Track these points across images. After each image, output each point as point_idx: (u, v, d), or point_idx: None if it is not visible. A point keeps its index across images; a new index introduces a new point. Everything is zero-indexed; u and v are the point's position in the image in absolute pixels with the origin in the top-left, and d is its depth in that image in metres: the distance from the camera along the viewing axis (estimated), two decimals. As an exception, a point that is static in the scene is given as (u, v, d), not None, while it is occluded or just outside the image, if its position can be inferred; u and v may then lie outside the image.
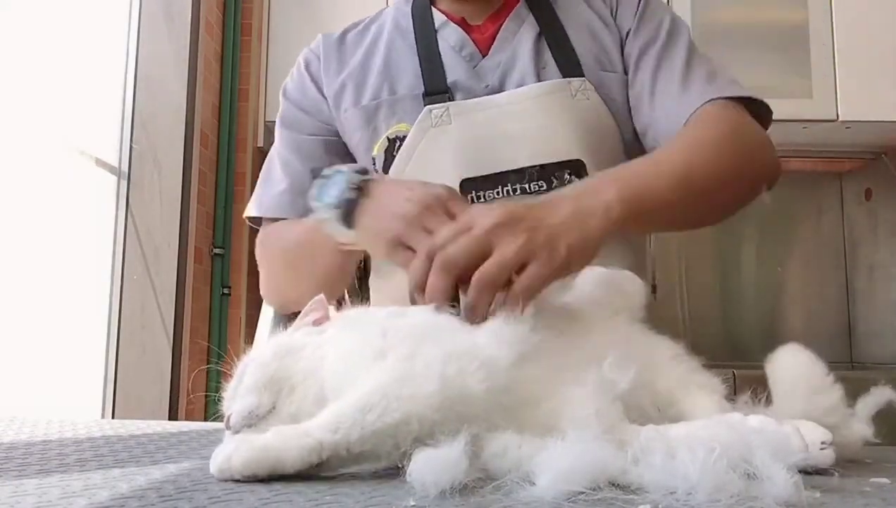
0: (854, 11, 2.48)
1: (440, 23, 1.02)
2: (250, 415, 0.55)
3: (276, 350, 0.59)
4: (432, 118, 0.96)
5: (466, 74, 0.98)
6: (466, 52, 1.00)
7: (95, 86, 1.95)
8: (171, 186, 2.22)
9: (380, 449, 0.47)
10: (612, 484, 0.44)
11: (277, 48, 2.60)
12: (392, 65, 1.02)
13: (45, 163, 1.69)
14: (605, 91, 0.97)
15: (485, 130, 0.95)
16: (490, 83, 0.98)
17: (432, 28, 1.02)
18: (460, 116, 0.95)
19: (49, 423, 0.83)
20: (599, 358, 0.53)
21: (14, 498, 0.42)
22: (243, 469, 0.46)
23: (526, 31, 0.99)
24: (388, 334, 0.55)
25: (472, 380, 0.49)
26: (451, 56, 1.00)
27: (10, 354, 1.54)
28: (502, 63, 0.98)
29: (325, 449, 0.47)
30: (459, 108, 0.96)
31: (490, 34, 1.01)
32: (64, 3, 1.80)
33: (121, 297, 1.95)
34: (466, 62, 0.99)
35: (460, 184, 0.93)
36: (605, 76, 0.97)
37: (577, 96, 0.95)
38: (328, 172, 0.77)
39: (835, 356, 2.76)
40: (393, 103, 0.99)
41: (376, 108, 1.00)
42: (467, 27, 1.02)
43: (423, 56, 1.00)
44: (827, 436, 0.51)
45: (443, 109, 0.96)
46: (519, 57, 0.98)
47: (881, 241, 2.76)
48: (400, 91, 0.99)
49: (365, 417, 0.47)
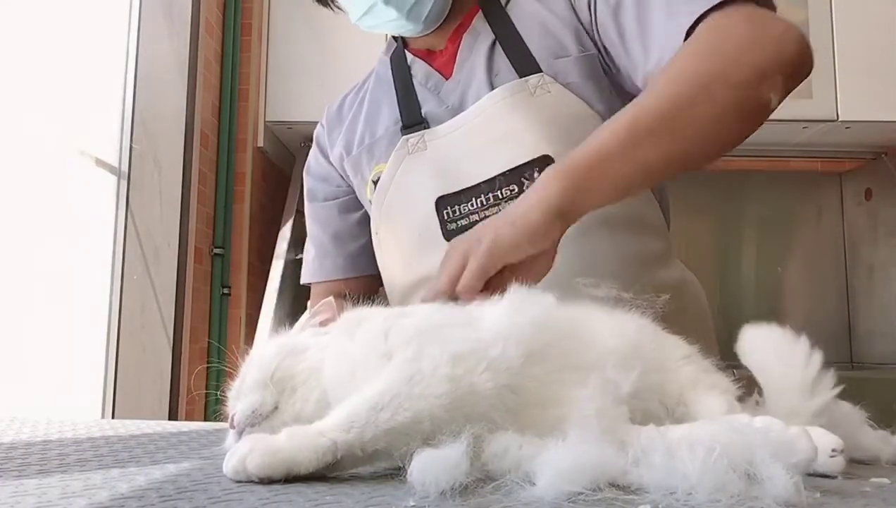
0: (854, 11, 2.48)
1: (410, 61, 1.06)
2: (254, 414, 0.55)
3: (279, 350, 0.59)
4: (409, 147, 1.00)
5: (434, 102, 1.01)
6: (432, 82, 1.03)
7: (95, 86, 1.95)
8: (171, 186, 2.22)
9: (392, 448, 0.47)
10: (613, 485, 0.44)
11: (277, 48, 2.60)
12: (373, 113, 1.07)
13: (45, 163, 1.69)
14: (564, 78, 0.94)
15: (457, 149, 0.97)
16: (451, 103, 0.99)
17: (406, 68, 1.05)
18: (434, 142, 0.99)
19: (49, 423, 0.83)
20: (606, 359, 0.53)
21: (14, 498, 0.42)
22: (258, 471, 0.46)
23: (481, 43, 1.00)
24: (390, 335, 0.55)
25: (480, 380, 0.49)
26: (421, 91, 1.03)
27: (10, 354, 1.54)
28: (461, 81, 1.00)
29: (339, 449, 0.47)
30: (433, 134, 0.99)
31: (450, 56, 1.02)
32: (64, 3, 1.80)
33: (121, 297, 1.95)
34: (432, 92, 1.02)
35: (436, 202, 0.96)
36: (558, 63, 0.95)
37: (537, 92, 0.94)
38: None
39: (835, 356, 2.76)
40: (372, 147, 1.05)
41: (359, 155, 1.07)
42: (431, 56, 1.05)
43: (400, 94, 1.04)
44: (838, 443, 0.50)
45: (418, 137, 1.00)
46: (475, 71, 0.99)
47: (881, 241, 2.76)
48: (378, 133, 1.05)
49: (378, 416, 0.47)
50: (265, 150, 2.64)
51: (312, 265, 1.14)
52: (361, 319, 0.60)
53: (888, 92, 2.41)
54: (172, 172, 2.23)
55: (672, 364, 0.60)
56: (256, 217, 2.66)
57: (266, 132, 2.60)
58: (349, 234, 1.13)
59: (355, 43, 2.58)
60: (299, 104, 2.57)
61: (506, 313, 0.56)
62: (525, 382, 0.51)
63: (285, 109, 2.58)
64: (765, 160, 2.89)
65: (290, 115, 2.58)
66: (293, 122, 2.59)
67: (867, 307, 2.79)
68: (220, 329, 2.44)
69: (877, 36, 2.47)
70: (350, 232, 1.13)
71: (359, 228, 1.12)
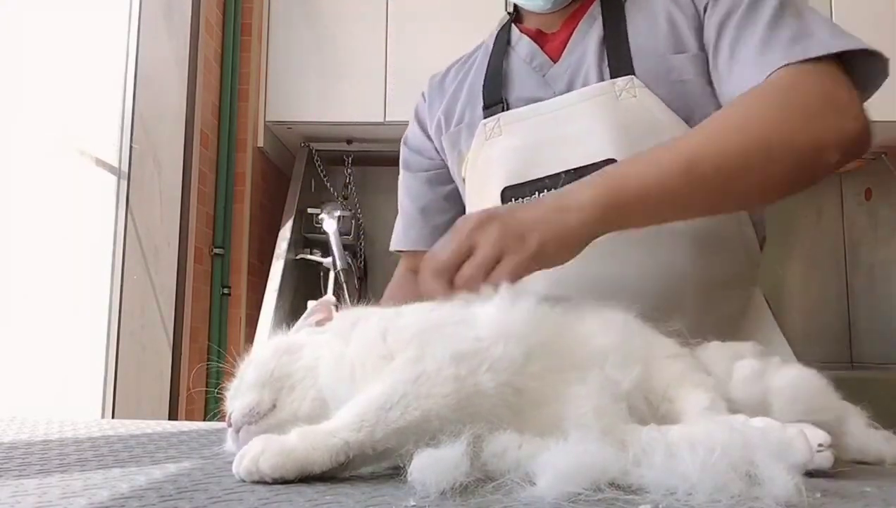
0: (854, 11, 2.48)
1: (516, 38, 1.05)
2: (251, 413, 0.55)
3: (276, 349, 0.59)
4: (486, 131, 0.99)
5: (536, 83, 0.99)
6: (537, 62, 1.01)
7: (95, 86, 1.95)
8: (171, 186, 2.22)
9: (401, 447, 0.47)
10: (613, 485, 0.43)
11: (277, 48, 2.60)
12: (475, 89, 1.05)
13: (45, 163, 1.69)
14: (677, 75, 0.92)
15: (530, 137, 0.96)
16: (558, 89, 0.97)
17: (504, 46, 1.04)
18: (509, 126, 0.98)
19: (49, 423, 0.83)
20: (601, 357, 0.53)
21: (14, 498, 0.42)
22: (272, 472, 0.46)
23: (595, 32, 0.97)
24: (388, 335, 0.55)
25: (483, 380, 0.49)
26: (522, 69, 1.01)
27: (10, 354, 1.53)
28: (570, 67, 0.97)
29: (351, 448, 0.47)
30: (510, 118, 0.98)
31: (562, 40, 1.00)
32: (64, 3, 1.80)
33: (121, 297, 1.94)
34: (536, 72, 1.00)
35: (502, 192, 0.96)
36: (675, 59, 0.92)
37: (622, 96, 0.92)
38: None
39: (835, 356, 2.76)
40: (471, 125, 1.03)
41: (458, 132, 1.06)
42: (542, 37, 1.03)
43: (489, 74, 1.03)
44: (825, 438, 0.51)
45: (494, 122, 0.99)
46: (586, 59, 0.96)
47: (881, 241, 2.76)
48: (478, 112, 1.03)
49: (387, 415, 0.47)
50: (265, 150, 2.64)
51: (399, 233, 1.16)
52: (357, 319, 0.60)
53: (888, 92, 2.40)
54: (172, 172, 2.23)
55: (658, 361, 0.60)
56: (256, 217, 2.66)
57: (266, 132, 2.60)
58: (437, 207, 1.13)
59: (355, 43, 2.58)
60: (299, 104, 2.57)
61: (500, 310, 0.56)
62: (526, 380, 0.52)
63: (285, 109, 2.58)
64: (765, 160, 2.88)
65: (290, 115, 2.58)
66: (293, 122, 2.59)
67: (867, 307, 2.79)
68: (220, 329, 2.44)
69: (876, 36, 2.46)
70: (438, 205, 1.13)
71: (447, 202, 1.12)
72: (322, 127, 2.62)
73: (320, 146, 2.73)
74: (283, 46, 2.60)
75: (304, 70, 2.57)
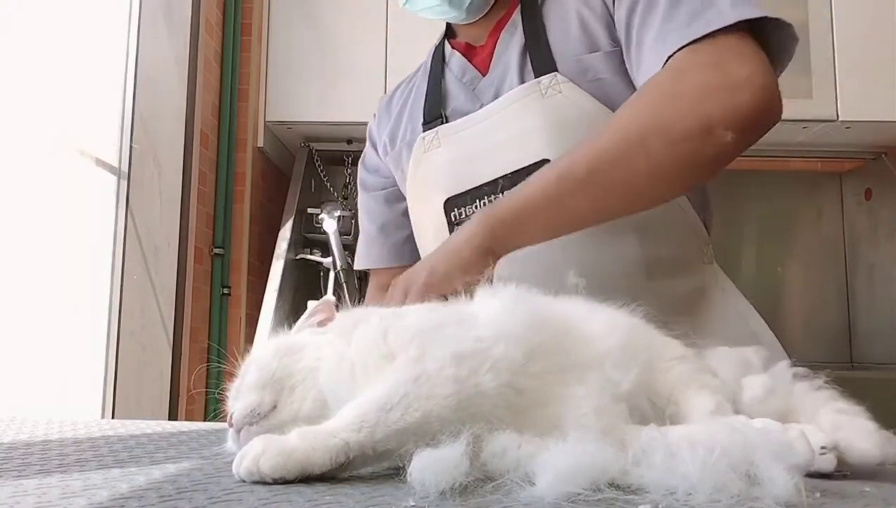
0: (854, 11, 2.48)
1: (449, 55, 1.06)
2: (252, 413, 0.55)
3: (277, 350, 0.59)
4: (425, 144, 1.00)
5: (467, 98, 1.00)
6: (467, 77, 1.02)
7: (95, 86, 1.95)
8: (171, 186, 2.22)
9: (402, 448, 0.47)
10: (613, 485, 0.43)
11: (277, 48, 2.60)
12: (415, 110, 1.07)
13: (45, 163, 1.69)
14: (593, 74, 0.91)
15: (466, 148, 0.97)
16: (486, 100, 0.98)
17: (441, 63, 1.06)
18: (447, 138, 0.99)
19: (49, 423, 0.83)
20: (603, 357, 0.53)
21: (14, 498, 0.42)
22: (273, 472, 0.46)
23: (517, 40, 0.98)
24: (388, 335, 0.55)
25: (484, 380, 0.49)
26: (455, 84, 1.02)
27: (10, 354, 1.53)
28: (497, 78, 0.98)
29: (351, 449, 0.47)
30: (447, 130, 0.99)
31: (489, 52, 1.01)
32: (64, 3, 1.80)
33: (121, 297, 1.94)
34: (467, 87, 1.01)
35: (444, 204, 0.97)
36: (589, 59, 0.92)
37: (548, 93, 0.92)
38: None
39: (835, 356, 2.76)
40: (411, 143, 1.04)
41: (400, 151, 1.07)
42: (472, 51, 1.04)
43: (428, 93, 1.05)
44: (828, 441, 0.51)
45: (433, 134, 1.00)
46: (510, 67, 0.97)
47: (881, 241, 2.76)
48: (418, 130, 1.04)
49: (388, 416, 0.47)
50: (265, 150, 2.64)
51: (361, 253, 1.18)
52: (358, 319, 0.60)
53: (888, 92, 2.41)
54: (172, 173, 2.23)
55: (663, 364, 0.60)
56: (256, 217, 2.66)
57: (266, 132, 2.60)
58: (395, 224, 1.14)
59: (355, 43, 2.58)
60: (299, 104, 2.57)
61: (501, 310, 0.56)
62: (526, 381, 0.51)
63: (285, 109, 2.58)
64: (765, 160, 2.89)
65: (290, 115, 2.58)
66: (293, 122, 2.59)
67: (867, 307, 2.79)
68: (220, 329, 2.44)
69: (877, 36, 2.47)
70: (396, 222, 1.14)
71: (405, 218, 1.13)
72: (322, 127, 2.62)
73: (320, 146, 2.73)
74: (283, 46, 2.60)
75: (304, 70, 2.57)
